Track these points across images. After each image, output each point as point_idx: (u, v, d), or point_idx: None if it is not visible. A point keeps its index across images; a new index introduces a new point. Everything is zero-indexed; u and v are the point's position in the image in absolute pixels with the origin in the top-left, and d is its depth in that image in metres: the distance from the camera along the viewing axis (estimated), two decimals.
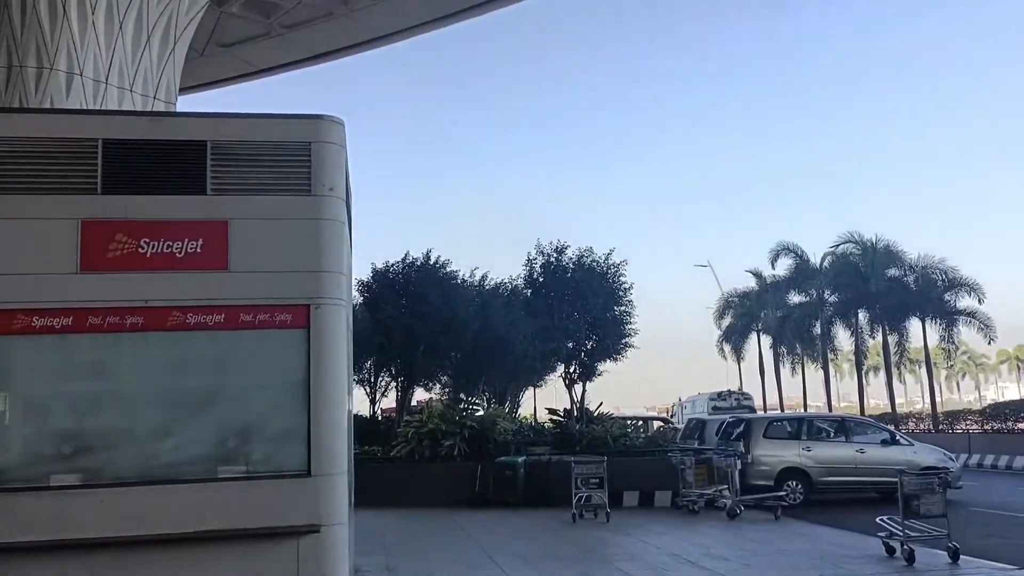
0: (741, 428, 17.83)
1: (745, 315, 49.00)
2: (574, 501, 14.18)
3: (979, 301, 35.29)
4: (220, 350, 5.75)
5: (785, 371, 47.75)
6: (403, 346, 23.85)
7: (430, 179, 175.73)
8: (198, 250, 5.60)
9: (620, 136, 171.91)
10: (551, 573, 9.61)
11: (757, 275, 47.86)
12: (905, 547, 9.53)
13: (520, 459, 17.21)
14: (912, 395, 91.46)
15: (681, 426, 24.80)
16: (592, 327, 22.91)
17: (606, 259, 23.28)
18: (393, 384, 26.08)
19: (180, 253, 5.58)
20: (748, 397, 38.42)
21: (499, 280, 30.29)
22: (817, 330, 42.21)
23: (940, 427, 32.98)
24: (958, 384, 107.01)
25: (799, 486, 16.57)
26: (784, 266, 43.61)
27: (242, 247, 5.64)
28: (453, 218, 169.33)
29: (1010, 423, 28.01)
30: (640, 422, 29.20)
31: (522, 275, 24.33)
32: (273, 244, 5.68)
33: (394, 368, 25.30)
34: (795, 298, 43.88)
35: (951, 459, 17.64)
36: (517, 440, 19.25)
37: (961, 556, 9.43)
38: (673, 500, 16.00)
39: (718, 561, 9.88)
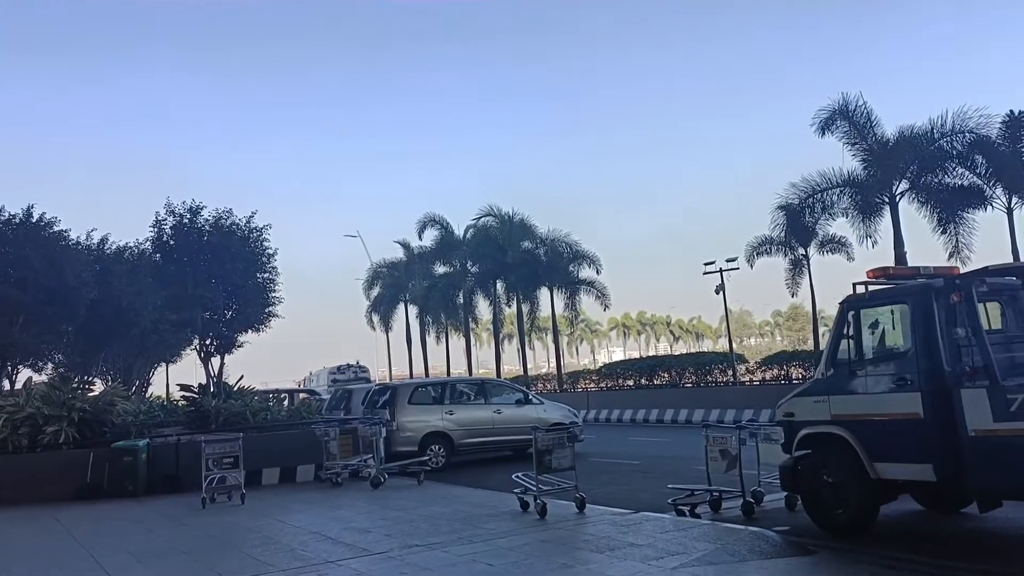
0: (387, 396, 17.62)
1: (394, 286, 49.66)
2: (204, 484, 12.86)
3: (597, 272, 39.35)
4: None
5: (431, 340, 49.42)
6: None
7: (49, 124, 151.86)
8: None
9: (270, 98, 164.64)
10: (169, 570, 8.36)
11: (405, 246, 48.66)
12: (538, 501, 9.84)
13: (142, 442, 15.30)
14: (539, 359, 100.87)
15: (327, 397, 24.09)
16: (231, 295, 21.21)
17: (247, 222, 21.66)
18: None
19: None
20: (364, 370, 42.35)
21: (123, 244, 27.01)
22: (460, 300, 44.12)
23: (564, 387, 36.34)
24: (577, 349, 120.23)
25: (442, 449, 16.84)
26: (431, 237, 44.85)
27: None
28: (67, 172, 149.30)
29: (620, 381, 31.68)
30: (285, 395, 28.00)
31: (150, 238, 21.70)
32: None
33: None
34: (441, 269, 45.40)
35: (575, 415, 19.16)
36: (142, 422, 17.13)
37: (587, 505, 9.98)
38: (317, 474, 15.34)
39: (359, 534, 9.39)
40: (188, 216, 21.20)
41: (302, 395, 29.84)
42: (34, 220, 21.60)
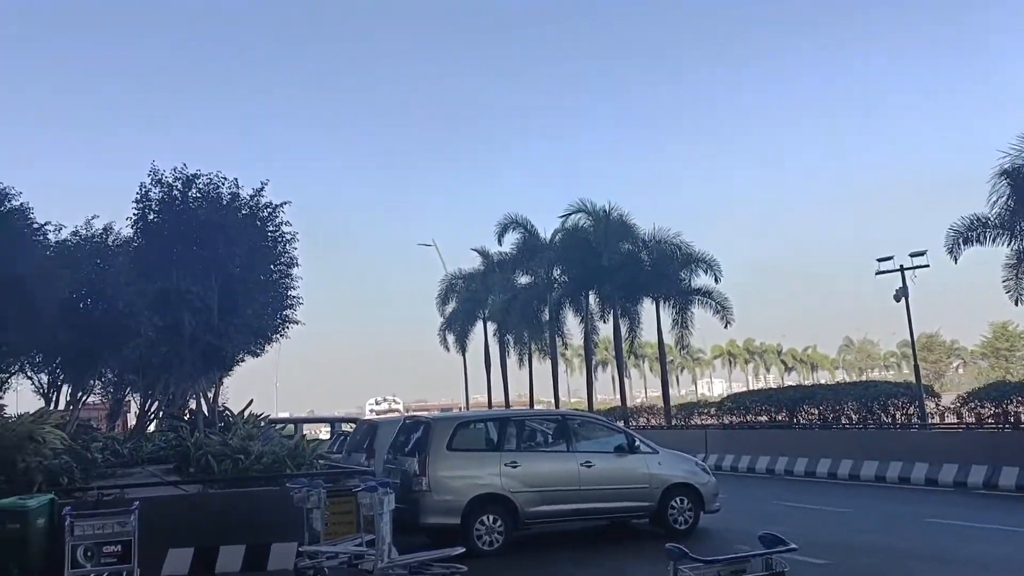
0: (418, 435, 11.66)
1: (470, 300, 43.56)
2: None
3: (716, 280, 32.04)
4: None
5: (512, 363, 42.95)
6: None
7: None
8: None
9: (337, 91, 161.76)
10: None
11: (483, 254, 42.39)
12: None
13: (35, 502, 9.81)
14: (635, 389, 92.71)
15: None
16: (228, 290, 15.70)
17: (255, 197, 16.23)
18: None
19: None
20: (397, 401, 44.27)
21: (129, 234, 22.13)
22: (546, 316, 37.75)
23: (673, 422, 29.50)
24: (678, 378, 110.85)
25: (498, 522, 10.76)
26: (512, 242, 38.34)
27: None
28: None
29: (749, 416, 24.66)
30: (327, 427, 22.59)
31: (132, 216, 16.41)
32: None
33: None
34: (523, 279, 39.04)
35: (704, 470, 12.71)
36: (64, 465, 11.82)
37: None
38: (296, 562, 9.48)
39: None
40: (179, 188, 15.83)
41: (346, 426, 24.33)
42: None
